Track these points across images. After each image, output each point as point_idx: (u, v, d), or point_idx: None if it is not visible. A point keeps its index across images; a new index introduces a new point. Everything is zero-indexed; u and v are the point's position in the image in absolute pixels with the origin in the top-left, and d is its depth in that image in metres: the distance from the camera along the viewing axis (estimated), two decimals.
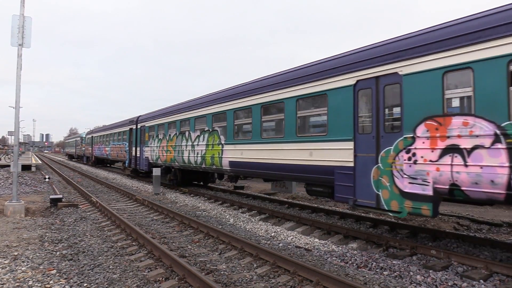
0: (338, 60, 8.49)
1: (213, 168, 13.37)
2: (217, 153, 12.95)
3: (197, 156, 14.54)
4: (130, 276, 5.75)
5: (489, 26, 5.73)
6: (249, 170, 11.40)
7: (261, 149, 10.74)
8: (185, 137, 15.71)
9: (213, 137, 13.31)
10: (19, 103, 11.04)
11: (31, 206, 12.18)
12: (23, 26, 10.84)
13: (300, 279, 5.71)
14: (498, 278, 5.95)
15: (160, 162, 18.44)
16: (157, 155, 18.73)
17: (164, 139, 18.02)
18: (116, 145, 27.97)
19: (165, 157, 17.67)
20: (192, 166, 15.18)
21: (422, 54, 6.57)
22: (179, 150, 16.13)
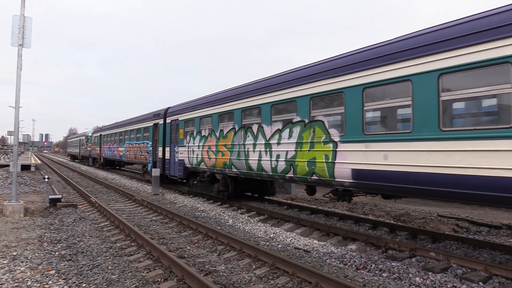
0: None
1: (313, 179, 8.70)
2: (323, 157, 8.37)
3: (276, 160, 9.88)
4: (129, 277, 5.74)
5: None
6: (404, 186, 6.81)
7: (444, 149, 6.15)
8: (252, 133, 11.03)
9: (313, 131, 8.73)
10: (19, 103, 11.04)
11: (30, 206, 12.16)
12: (23, 26, 10.85)
13: (299, 280, 5.70)
14: (498, 280, 5.94)
15: (205, 167, 13.81)
16: (200, 158, 14.09)
17: (211, 137, 13.35)
18: (134, 144, 23.24)
19: (213, 160, 13.03)
20: (264, 174, 10.53)
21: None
22: (240, 152, 11.47)
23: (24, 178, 20.56)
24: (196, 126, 14.62)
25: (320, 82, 8.67)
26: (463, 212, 12.48)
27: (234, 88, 12.76)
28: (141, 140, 21.85)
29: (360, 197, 14.38)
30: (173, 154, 16.84)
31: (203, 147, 13.80)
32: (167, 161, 17.53)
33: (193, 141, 14.72)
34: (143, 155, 21.38)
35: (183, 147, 15.56)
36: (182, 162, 15.64)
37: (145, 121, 21.56)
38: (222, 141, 12.55)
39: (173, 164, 16.77)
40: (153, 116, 19.99)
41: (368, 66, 7.50)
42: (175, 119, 16.83)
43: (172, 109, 17.71)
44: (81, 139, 48.74)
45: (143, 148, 21.49)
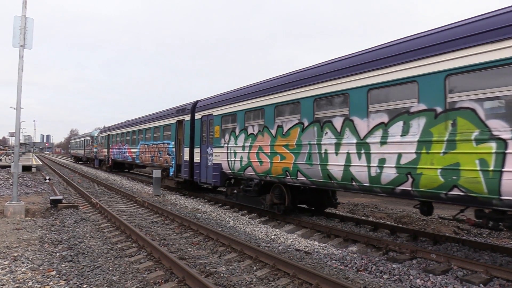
0: None
1: (452, 194, 6.08)
2: (477, 162, 5.73)
3: (380, 166, 7.16)
4: (130, 278, 5.74)
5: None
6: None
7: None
8: (333, 130, 8.22)
9: (452, 125, 6.07)
10: (20, 104, 11.07)
11: (31, 207, 12.18)
12: (24, 27, 10.89)
13: (300, 282, 5.70)
14: (498, 282, 5.94)
15: (252, 174, 11.04)
16: (245, 162, 11.26)
17: (262, 135, 10.53)
18: (151, 145, 20.28)
19: (267, 165, 10.25)
20: (355, 185, 7.77)
21: None
22: (312, 155, 8.70)
23: (25, 179, 20.59)
24: (240, 122, 11.71)
25: (471, 50, 5.84)
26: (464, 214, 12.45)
27: (299, 71, 9.71)
28: (160, 140, 18.84)
29: (363, 198, 14.36)
30: (204, 157, 14.06)
31: (251, 148, 10.99)
32: (196, 165, 14.72)
33: (235, 141, 11.86)
34: (163, 158, 18.34)
35: (220, 148, 12.73)
36: (218, 166, 12.77)
37: (165, 117, 18.49)
38: (281, 141, 9.78)
39: (205, 169, 13.98)
40: (177, 111, 17.05)
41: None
42: (208, 114, 13.96)
43: (203, 103, 14.71)
44: (86, 139, 45.52)
45: (163, 149, 18.47)
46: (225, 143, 12.51)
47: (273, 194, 10.85)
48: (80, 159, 52.09)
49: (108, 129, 32.20)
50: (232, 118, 12.35)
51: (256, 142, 10.85)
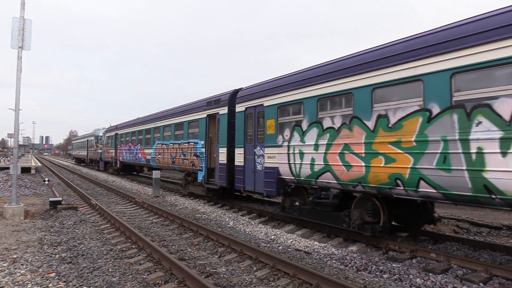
0: None
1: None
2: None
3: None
4: (130, 279, 5.73)
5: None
6: None
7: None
8: (492, 118, 5.68)
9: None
10: (18, 105, 11.05)
11: (31, 208, 12.16)
12: (23, 28, 10.87)
13: (300, 282, 5.70)
14: (498, 281, 5.94)
15: (332, 182, 8.41)
16: (320, 166, 8.63)
17: (349, 130, 7.97)
18: (171, 145, 17.44)
19: (360, 170, 7.66)
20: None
21: None
22: (451, 156, 6.14)
23: (25, 181, 20.56)
24: (309, 113, 9.04)
25: None
26: (464, 213, 12.48)
27: (421, 35, 6.96)
28: (184, 139, 16.05)
29: None
30: (251, 159, 11.38)
31: (329, 147, 8.39)
32: (238, 169, 12.06)
33: (301, 138, 9.22)
34: (188, 160, 15.47)
35: (276, 148, 10.10)
36: (273, 171, 10.18)
37: (191, 112, 15.65)
38: (385, 136, 7.15)
39: (252, 174, 11.31)
40: (207, 104, 14.32)
41: None
42: (255, 106, 11.22)
43: (247, 91, 11.89)
44: (89, 140, 42.03)
45: (187, 150, 15.64)
46: (283, 141, 9.83)
47: (363, 209, 8.08)
48: (83, 161, 48.94)
49: (116, 127, 28.97)
50: (295, 109, 9.62)
51: (338, 139, 8.16)
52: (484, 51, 5.79)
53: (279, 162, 10.00)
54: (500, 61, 5.59)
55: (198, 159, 14.69)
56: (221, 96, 13.60)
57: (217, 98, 13.86)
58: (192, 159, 15.27)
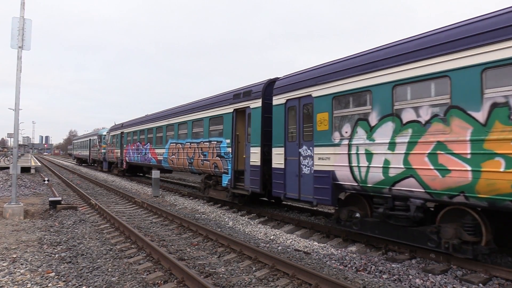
0: None
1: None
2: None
3: None
4: (129, 279, 5.74)
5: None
6: None
7: None
8: None
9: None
10: (18, 105, 11.06)
11: (30, 208, 12.16)
12: (23, 28, 10.88)
13: (299, 282, 5.70)
14: (498, 282, 5.94)
15: (418, 190, 6.70)
16: (399, 170, 6.97)
17: (445, 123, 6.31)
18: (188, 144, 15.57)
19: (465, 176, 5.97)
20: None
21: None
22: None
23: (24, 181, 20.55)
24: (380, 104, 7.30)
25: None
26: None
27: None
28: (205, 138, 14.20)
29: None
30: (294, 161, 9.60)
31: (412, 146, 6.73)
32: (277, 172, 10.20)
33: (369, 135, 7.52)
34: (210, 161, 13.62)
35: (331, 148, 8.38)
36: (326, 175, 8.45)
37: (213, 106, 13.74)
38: (505, 132, 5.54)
39: (295, 178, 9.53)
40: (234, 97, 12.51)
41: None
42: (300, 97, 9.45)
43: (288, 80, 10.05)
44: (91, 139, 39.89)
45: (209, 150, 13.79)
46: (342, 139, 8.12)
47: (459, 225, 6.45)
48: (84, 161, 47.08)
49: (122, 126, 26.93)
50: (359, 99, 7.89)
51: (427, 136, 6.51)
52: None
53: (335, 164, 8.23)
54: None
55: (223, 160, 12.84)
56: (253, 87, 11.68)
57: (247, 90, 11.93)
58: (214, 160, 13.38)
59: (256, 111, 11.28)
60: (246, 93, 11.93)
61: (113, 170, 29.78)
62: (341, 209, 8.60)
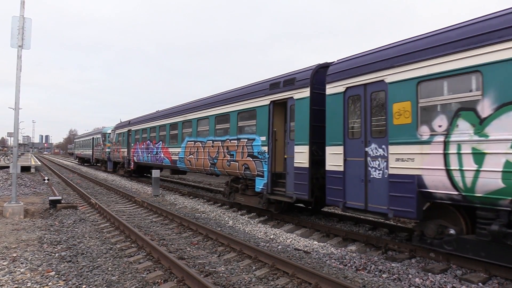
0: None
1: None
2: None
3: None
4: (129, 278, 5.74)
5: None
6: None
7: None
8: None
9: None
10: (18, 105, 11.06)
11: (30, 207, 12.17)
12: (23, 27, 10.87)
13: (299, 281, 5.71)
14: (497, 281, 5.95)
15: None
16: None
17: None
18: (209, 142, 13.62)
19: None
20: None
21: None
22: None
23: (24, 180, 20.56)
24: (498, 88, 5.68)
25: None
26: None
27: None
28: (231, 135, 12.35)
29: None
30: (357, 162, 7.96)
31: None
32: (332, 175, 8.50)
33: (478, 129, 5.88)
34: (239, 162, 11.85)
35: (417, 146, 6.68)
36: (409, 181, 6.76)
37: (243, 99, 11.93)
38: None
39: (359, 184, 7.87)
40: (271, 87, 10.70)
41: None
42: (366, 83, 7.78)
43: (348, 64, 8.38)
44: (95, 137, 38.26)
45: (237, 149, 11.99)
46: (433, 135, 6.46)
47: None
48: (87, 160, 45.17)
49: (129, 123, 24.96)
50: (459, 83, 6.22)
51: None
52: None
53: (423, 167, 6.53)
54: None
55: (256, 160, 11.01)
56: (296, 75, 9.87)
57: (288, 78, 10.09)
58: (245, 161, 11.54)
59: (302, 102, 9.48)
60: (287, 82, 10.05)
61: (119, 171, 27.95)
62: (426, 223, 6.87)
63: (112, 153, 29.34)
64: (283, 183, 10.15)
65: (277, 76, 10.92)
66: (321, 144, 9.02)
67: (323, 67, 9.50)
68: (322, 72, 9.38)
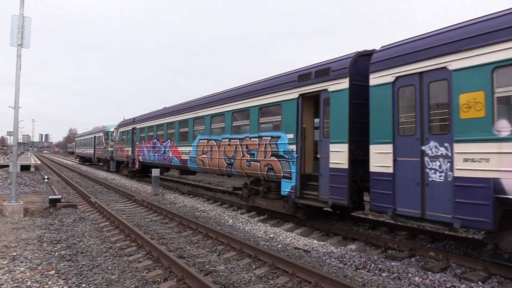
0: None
1: None
2: None
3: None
4: (129, 277, 5.74)
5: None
6: None
7: None
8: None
9: None
10: (18, 103, 11.05)
11: (30, 206, 12.17)
12: (22, 26, 10.86)
13: (299, 280, 5.71)
14: (497, 280, 5.96)
15: None
16: None
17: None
18: (226, 140, 12.42)
19: None
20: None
21: None
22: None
23: (24, 179, 20.57)
24: None
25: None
26: None
27: None
28: (252, 132, 11.14)
29: None
30: (411, 163, 6.89)
31: None
32: (378, 178, 7.44)
33: None
34: (261, 162, 10.63)
35: (494, 144, 5.71)
36: (482, 186, 5.78)
37: (267, 92, 10.73)
38: None
39: (414, 188, 6.81)
40: (300, 78, 9.58)
41: None
42: (422, 72, 6.77)
43: (396, 50, 7.36)
44: (96, 136, 36.96)
45: (258, 147, 10.76)
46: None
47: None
48: (88, 160, 44.15)
49: (133, 120, 23.71)
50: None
51: None
52: None
53: (502, 169, 5.53)
54: None
55: (281, 160, 9.85)
56: (331, 64, 8.79)
57: (322, 68, 8.99)
58: (268, 161, 10.35)
59: (338, 95, 8.41)
60: (320, 72, 8.92)
61: (122, 171, 26.67)
62: (502, 235, 5.88)
63: (115, 152, 28.12)
64: (314, 186, 9.10)
65: (306, 66, 9.75)
66: (360, 142, 8.17)
67: (362, 56, 8.56)
68: (360, 61, 8.46)
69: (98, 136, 36.05)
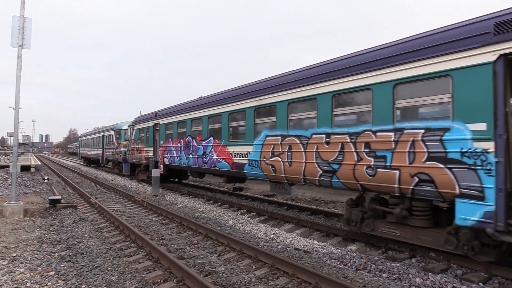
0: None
1: None
2: None
3: None
4: (129, 278, 5.73)
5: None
6: None
7: None
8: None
9: None
10: (18, 104, 11.05)
11: (30, 207, 12.16)
12: (23, 27, 10.86)
13: (299, 281, 5.70)
14: (498, 281, 5.94)
15: None
16: None
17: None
18: (318, 137, 8.43)
19: None
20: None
21: None
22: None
23: (24, 179, 20.56)
24: None
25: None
26: None
27: None
28: (379, 123, 7.11)
29: None
30: None
31: None
32: None
33: None
34: (402, 169, 6.64)
35: None
36: None
37: (409, 59, 6.59)
38: None
39: None
40: (497, 28, 5.45)
41: None
42: None
43: None
44: (105, 135, 32.75)
45: (396, 148, 6.77)
46: None
47: None
48: (95, 161, 40.23)
49: (155, 115, 19.57)
50: None
51: None
52: None
53: None
54: None
55: (457, 169, 5.87)
56: (496, 17, 5.62)
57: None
58: (421, 168, 6.36)
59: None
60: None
61: (139, 175, 22.57)
62: None
63: (130, 153, 23.78)
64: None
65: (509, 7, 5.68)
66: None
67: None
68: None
69: (108, 135, 31.64)
